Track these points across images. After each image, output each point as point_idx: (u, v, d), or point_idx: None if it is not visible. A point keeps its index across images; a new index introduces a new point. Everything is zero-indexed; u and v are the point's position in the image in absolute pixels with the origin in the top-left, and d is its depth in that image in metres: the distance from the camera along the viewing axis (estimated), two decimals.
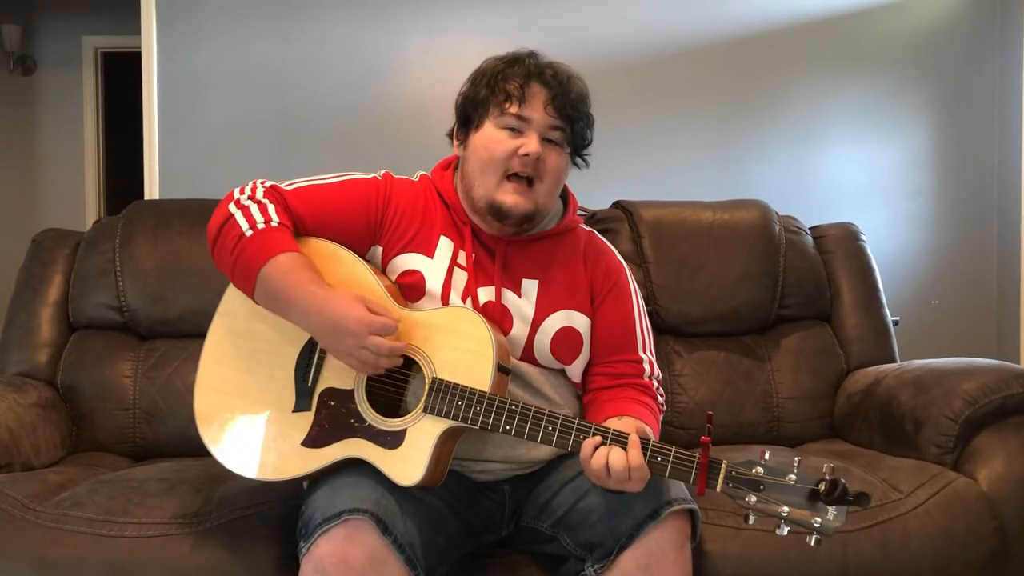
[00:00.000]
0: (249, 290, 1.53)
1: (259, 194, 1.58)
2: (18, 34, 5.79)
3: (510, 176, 1.58)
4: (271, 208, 1.55)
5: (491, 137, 1.58)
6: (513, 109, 1.57)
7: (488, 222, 1.62)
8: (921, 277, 3.60)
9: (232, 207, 1.56)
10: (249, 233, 1.52)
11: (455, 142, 1.68)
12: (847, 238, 2.46)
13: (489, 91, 1.59)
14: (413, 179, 1.73)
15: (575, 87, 1.60)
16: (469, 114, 1.63)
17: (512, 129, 1.58)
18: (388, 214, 1.64)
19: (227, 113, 3.56)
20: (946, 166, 3.63)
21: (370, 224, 1.63)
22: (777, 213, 2.44)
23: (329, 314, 1.46)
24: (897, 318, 2.53)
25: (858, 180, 3.60)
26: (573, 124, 1.60)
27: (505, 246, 1.65)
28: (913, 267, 3.59)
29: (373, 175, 1.69)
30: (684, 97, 3.61)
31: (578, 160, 1.67)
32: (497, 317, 1.60)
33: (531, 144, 1.56)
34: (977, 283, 3.64)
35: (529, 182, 1.58)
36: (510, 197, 1.58)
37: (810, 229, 2.48)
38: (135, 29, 3.55)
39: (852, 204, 3.54)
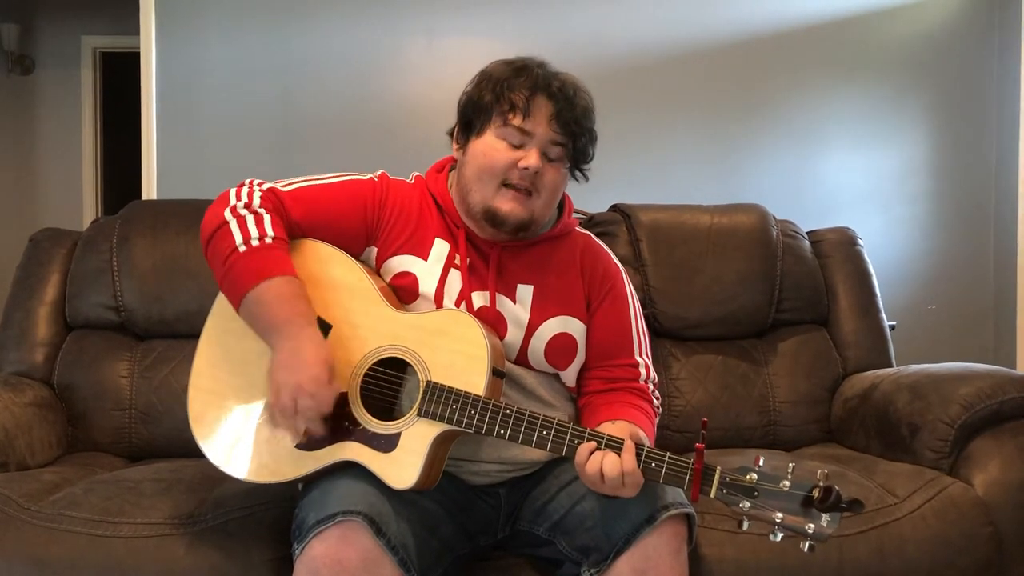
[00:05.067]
0: (235, 305, 1.53)
1: (256, 202, 1.56)
2: (17, 33, 5.79)
3: (507, 185, 1.57)
4: (267, 221, 1.54)
5: (491, 146, 1.57)
6: (516, 121, 1.55)
7: (483, 227, 1.62)
8: (918, 282, 3.60)
9: (228, 214, 1.55)
10: (242, 249, 1.51)
11: (454, 144, 1.66)
12: (844, 243, 2.46)
13: (493, 98, 1.56)
14: (408, 181, 1.72)
15: (580, 102, 1.58)
16: (471, 118, 1.60)
17: (513, 141, 1.56)
18: (384, 215, 1.64)
19: (225, 114, 3.57)
20: (943, 172, 3.64)
21: (367, 225, 1.63)
22: (775, 217, 2.44)
23: (297, 356, 1.44)
24: (894, 323, 2.54)
25: (856, 185, 3.61)
26: (575, 140, 1.58)
27: (500, 251, 1.64)
28: (910, 272, 3.60)
29: (369, 176, 1.69)
30: (683, 101, 3.62)
31: (577, 174, 1.65)
32: (492, 323, 1.59)
33: (531, 158, 1.55)
34: (974, 288, 3.64)
35: (527, 192, 1.58)
36: (507, 204, 1.57)
37: (808, 233, 2.48)
38: (134, 29, 3.55)
39: (850, 209, 3.54)
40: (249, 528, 1.64)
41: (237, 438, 1.54)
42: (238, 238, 1.52)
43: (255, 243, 1.51)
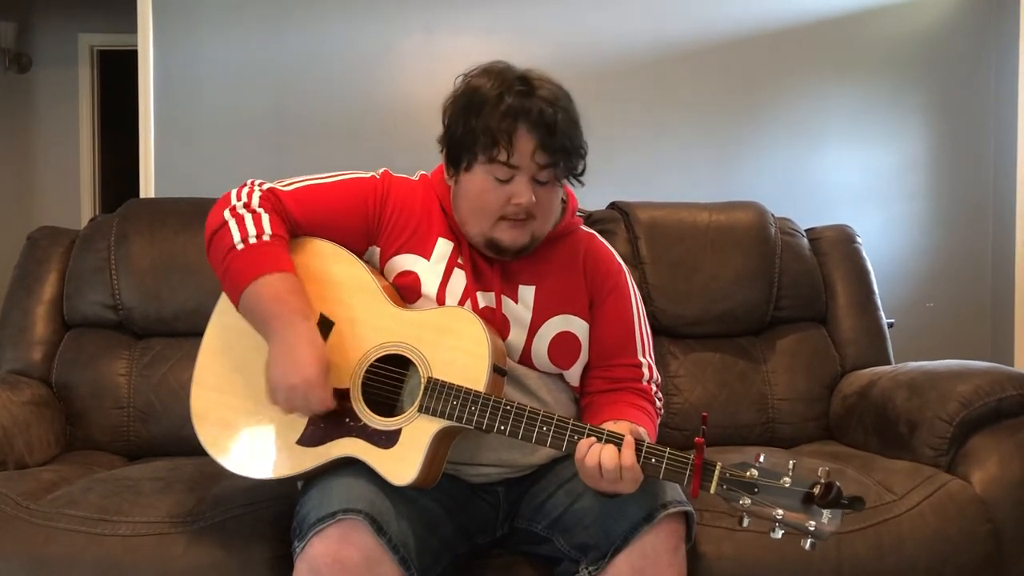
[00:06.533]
0: (235, 303, 1.54)
1: (255, 201, 1.56)
2: (14, 31, 5.77)
3: (503, 218, 1.55)
4: (265, 219, 1.54)
5: (481, 187, 1.54)
6: (502, 158, 1.51)
7: (484, 249, 1.61)
8: (916, 279, 3.61)
9: (227, 214, 1.55)
10: (240, 247, 1.51)
11: (445, 170, 1.62)
12: (843, 240, 2.46)
13: (476, 134, 1.51)
14: (412, 179, 1.71)
15: (562, 125, 1.52)
16: (458, 153, 1.56)
17: (501, 176, 1.53)
18: (385, 213, 1.63)
19: (223, 111, 3.56)
20: (942, 169, 3.64)
21: (367, 223, 1.63)
22: (773, 215, 2.44)
23: (292, 355, 1.45)
24: (892, 320, 2.53)
25: (854, 182, 3.61)
26: (562, 162, 1.55)
27: None
28: (908, 269, 3.60)
29: (371, 174, 1.68)
30: (681, 98, 3.62)
31: (573, 181, 1.61)
32: (497, 324, 1.59)
33: (522, 195, 1.52)
34: (972, 286, 3.64)
35: (524, 219, 1.56)
36: (507, 234, 1.56)
37: (806, 231, 2.49)
38: (132, 27, 3.55)
39: (848, 206, 3.54)
40: (249, 526, 1.64)
41: (239, 434, 1.54)
42: (236, 236, 1.52)
43: (252, 241, 1.52)
